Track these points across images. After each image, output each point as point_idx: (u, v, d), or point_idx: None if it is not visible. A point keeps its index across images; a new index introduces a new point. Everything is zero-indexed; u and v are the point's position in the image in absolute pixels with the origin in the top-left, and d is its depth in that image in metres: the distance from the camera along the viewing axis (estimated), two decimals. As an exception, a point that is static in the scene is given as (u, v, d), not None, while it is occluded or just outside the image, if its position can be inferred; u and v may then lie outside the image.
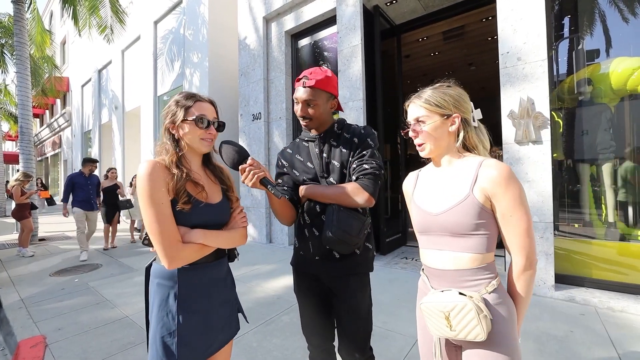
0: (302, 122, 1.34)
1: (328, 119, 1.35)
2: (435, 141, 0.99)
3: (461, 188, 0.94)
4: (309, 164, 1.34)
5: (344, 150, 1.30)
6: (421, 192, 1.07)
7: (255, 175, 1.09)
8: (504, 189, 0.88)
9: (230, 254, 1.22)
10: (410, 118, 1.02)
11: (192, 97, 1.11)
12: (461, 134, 0.98)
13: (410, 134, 1.02)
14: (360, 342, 1.29)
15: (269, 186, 1.11)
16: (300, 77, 1.30)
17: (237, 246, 1.17)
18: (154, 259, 1.10)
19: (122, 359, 2.18)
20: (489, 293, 0.90)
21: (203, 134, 1.10)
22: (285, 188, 1.37)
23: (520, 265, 0.91)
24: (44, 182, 13.11)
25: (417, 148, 1.03)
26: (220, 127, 1.16)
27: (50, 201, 10.10)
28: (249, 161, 1.11)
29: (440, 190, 1.00)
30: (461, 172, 0.96)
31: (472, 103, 1.02)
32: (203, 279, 1.09)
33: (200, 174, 1.15)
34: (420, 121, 0.99)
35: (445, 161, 1.02)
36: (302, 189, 1.34)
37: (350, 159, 1.28)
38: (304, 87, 1.27)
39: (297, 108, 1.31)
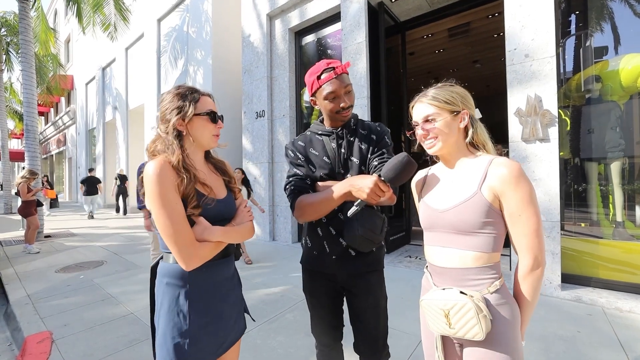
0: (342, 114, 1.22)
1: None
2: (447, 138, 0.97)
3: (469, 186, 0.93)
4: (325, 158, 1.27)
5: (362, 146, 1.25)
6: (429, 189, 1.06)
7: (374, 199, 1.01)
8: (513, 188, 0.87)
9: (235, 253, 1.21)
10: (418, 118, 1.00)
11: (197, 91, 1.06)
12: (470, 131, 0.98)
13: (420, 133, 1.00)
14: (382, 337, 1.30)
15: (358, 206, 1.04)
16: (318, 72, 1.20)
17: (246, 240, 1.16)
18: (161, 258, 1.08)
19: (128, 355, 2.20)
20: (491, 293, 0.90)
21: (214, 129, 1.08)
22: (309, 182, 1.28)
23: (527, 266, 0.89)
24: (49, 179, 13.17)
25: (426, 146, 1.01)
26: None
27: (54, 202, 9.88)
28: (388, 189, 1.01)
29: (448, 188, 1.00)
30: (471, 169, 0.96)
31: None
32: (213, 278, 1.07)
33: (204, 170, 1.12)
34: (430, 120, 0.98)
35: (455, 159, 1.01)
36: (323, 187, 1.26)
37: (369, 155, 1.24)
38: (341, 73, 1.17)
39: (337, 101, 1.20)
